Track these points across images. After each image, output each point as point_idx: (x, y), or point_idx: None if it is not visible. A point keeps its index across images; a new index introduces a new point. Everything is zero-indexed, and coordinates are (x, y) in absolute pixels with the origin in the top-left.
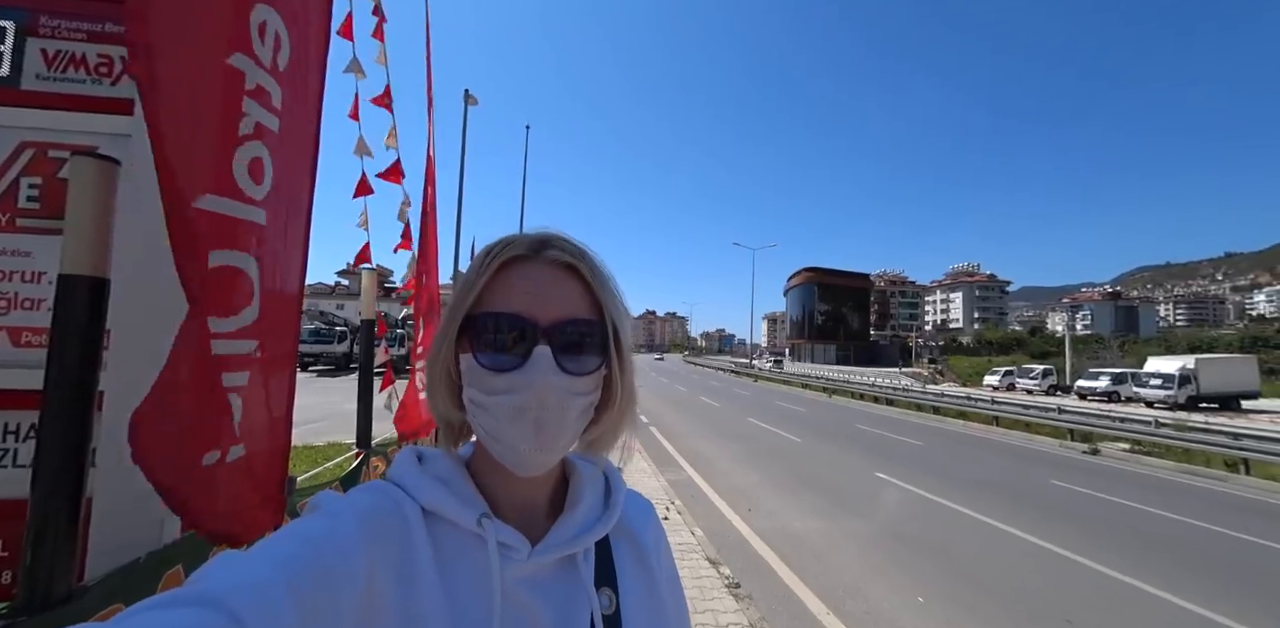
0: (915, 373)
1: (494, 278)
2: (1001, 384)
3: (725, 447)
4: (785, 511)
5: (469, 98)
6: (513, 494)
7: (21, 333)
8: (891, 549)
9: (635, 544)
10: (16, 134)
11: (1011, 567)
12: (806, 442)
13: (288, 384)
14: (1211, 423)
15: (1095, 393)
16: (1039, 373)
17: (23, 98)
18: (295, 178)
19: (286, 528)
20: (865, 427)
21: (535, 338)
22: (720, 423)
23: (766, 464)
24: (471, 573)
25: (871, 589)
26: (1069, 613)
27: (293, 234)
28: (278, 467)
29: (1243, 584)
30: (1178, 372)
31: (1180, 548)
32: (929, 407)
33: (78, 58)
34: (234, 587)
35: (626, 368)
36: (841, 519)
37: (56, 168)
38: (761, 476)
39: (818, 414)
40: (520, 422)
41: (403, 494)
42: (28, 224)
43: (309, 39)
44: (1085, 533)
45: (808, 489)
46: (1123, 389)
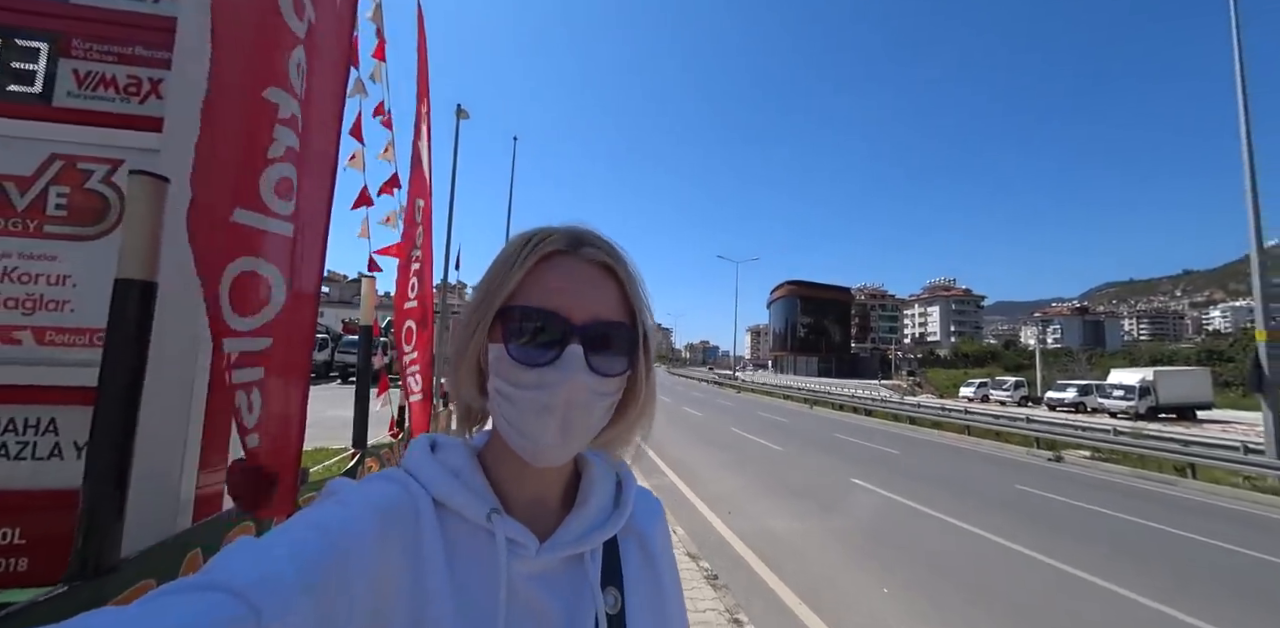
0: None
1: (531, 271)
2: (976, 396)
3: (708, 455)
4: (764, 513)
5: (460, 112)
6: (524, 488)
7: (46, 332)
8: (863, 548)
9: (643, 545)
10: (48, 147)
11: (972, 562)
12: (787, 450)
13: (302, 381)
14: (1164, 431)
15: (1063, 404)
16: (1011, 385)
17: (54, 114)
18: (315, 193)
19: (301, 515)
20: (844, 436)
21: (569, 337)
22: (703, 432)
23: (747, 471)
24: (479, 567)
25: (842, 582)
26: (1021, 601)
27: (311, 244)
28: (292, 457)
29: (1182, 576)
30: (1138, 383)
31: (1128, 545)
32: (905, 417)
33: (108, 78)
34: (249, 574)
35: (651, 372)
36: (818, 521)
37: (84, 178)
38: (742, 482)
39: (799, 424)
40: (546, 417)
41: (416, 484)
42: (55, 230)
43: (331, 70)
44: (1043, 532)
45: (787, 494)
46: (1088, 400)
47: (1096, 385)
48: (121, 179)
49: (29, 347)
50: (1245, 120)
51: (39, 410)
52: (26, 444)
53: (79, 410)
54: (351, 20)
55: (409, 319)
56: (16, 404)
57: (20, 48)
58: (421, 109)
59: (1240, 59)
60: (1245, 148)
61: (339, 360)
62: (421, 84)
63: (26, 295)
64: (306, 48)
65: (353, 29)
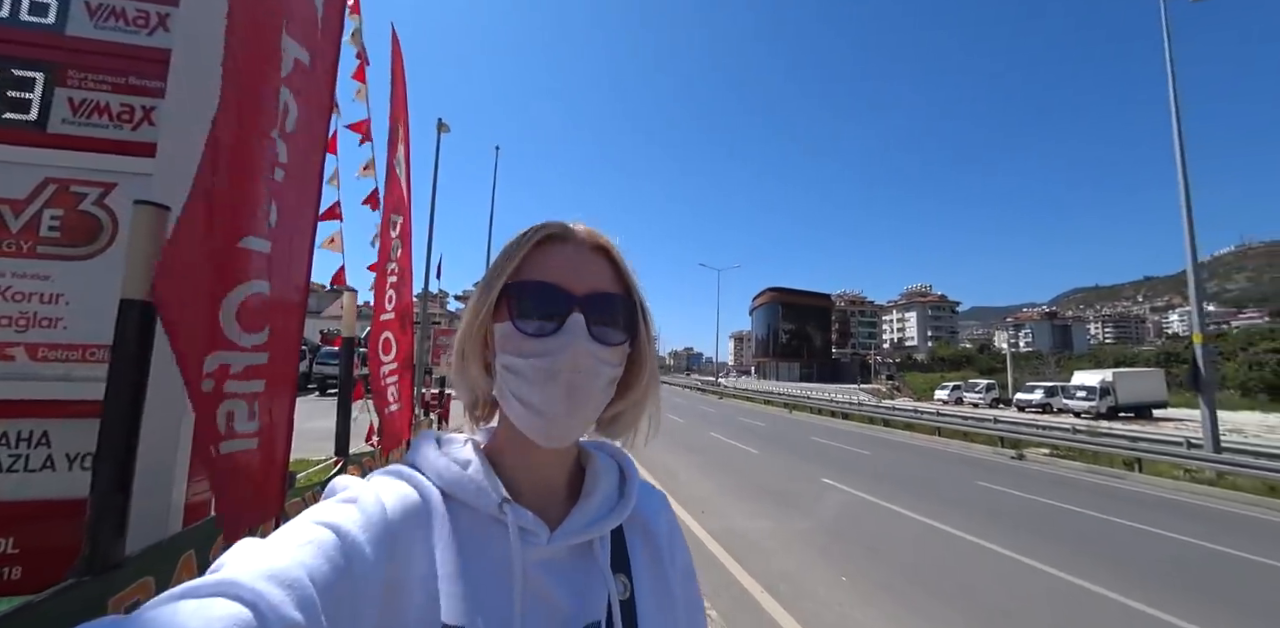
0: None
1: (531, 253)
2: (950, 398)
3: (687, 458)
4: (736, 513)
5: (441, 126)
6: (531, 478)
7: (39, 349)
8: (826, 541)
9: (648, 534)
10: (42, 171)
11: (928, 553)
12: (763, 453)
13: (290, 392)
14: (1116, 429)
15: (1031, 405)
16: (982, 388)
17: (49, 140)
18: (299, 215)
19: (308, 514)
20: (820, 439)
21: (570, 306)
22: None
23: (723, 473)
24: (491, 556)
25: (803, 573)
26: (970, 587)
27: (296, 263)
28: (280, 461)
29: (1121, 561)
30: (1099, 384)
31: (1075, 534)
32: (880, 420)
33: (102, 106)
34: (254, 575)
35: (651, 348)
36: (785, 519)
37: (77, 201)
38: (718, 483)
39: (776, 428)
40: (552, 384)
41: (422, 478)
42: (47, 251)
43: (318, 109)
44: (998, 524)
45: (759, 494)
46: (1054, 401)
47: (1061, 387)
48: (114, 202)
49: (22, 362)
50: (1180, 150)
51: (32, 424)
52: (19, 457)
53: (71, 423)
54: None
55: (386, 330)
56: (10, 418)
57: (17, 77)
58: (398, 128)
59: (1175, 102)
60: (1180, 174)
61: (317, 372)
62: (398, 105)
63: (20, 313)
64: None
65: (335, 72)
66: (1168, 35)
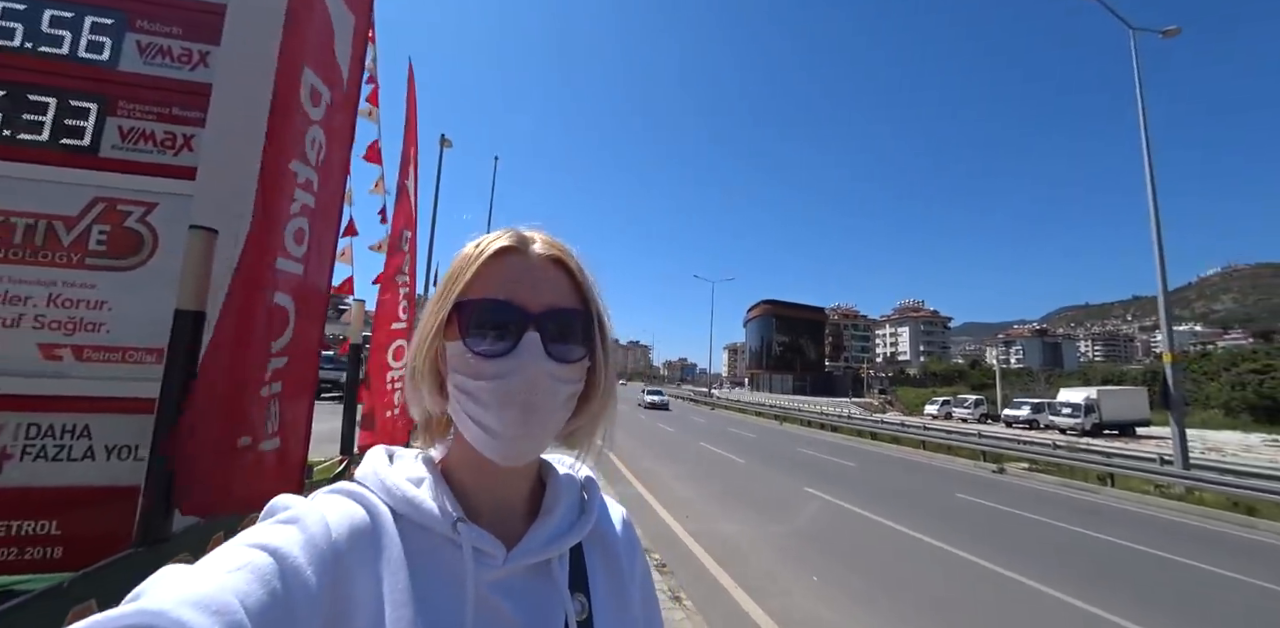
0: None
1: (483, 267)
2: (940, 413)
3: (675, 467)
4: (718, 518)
5: (444, 141)
6: (489, 496)
7: (84, 350)
8: (802, 545)
9: (607, 551)
10: (92, 191)
11: (899, 559)
12: (749, 463)
13: (309, 393)
14: (1093, 445)
15: (1018, 421)
16: (971, 403)
17: (99, 163)
18: (325, 237)
19: (242, 536)
20: (807, 450)
21: (525, 324)
22: (672, 447)
23: (709, 481)
24: (444, 577)
25: (777, 571)
26: (936, 592)
27: (319, 279)
28: (300, 455)
29: (1086, 571)
30: (1084, 402)
31: (1044, 545)
32: (868, 433)
33: (148, 133)
34: (176, 602)
35: (610, 360)
36: (766, 524)
37: (123, 218)
38: (703, 490)
39: (766, 439)
40: (509, 407)
41: (371, 497)
42: (95, 263)
43: (340, 142)
44: (972, 535)
45: (742, 502)
46: (1041, 417)
47: (1048, 404)
48: (155, 219)
49: (69, 362)
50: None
51: (75, 418)
52: (63, 447)
53: (110, 418)
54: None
55: (398, 339)
56: (56, 412)
57: (74, 107)
58: (409, 151)
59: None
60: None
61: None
62: (410, 131)
63: (69, 318)
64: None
65: (355, 111)
66: (1139, 80)
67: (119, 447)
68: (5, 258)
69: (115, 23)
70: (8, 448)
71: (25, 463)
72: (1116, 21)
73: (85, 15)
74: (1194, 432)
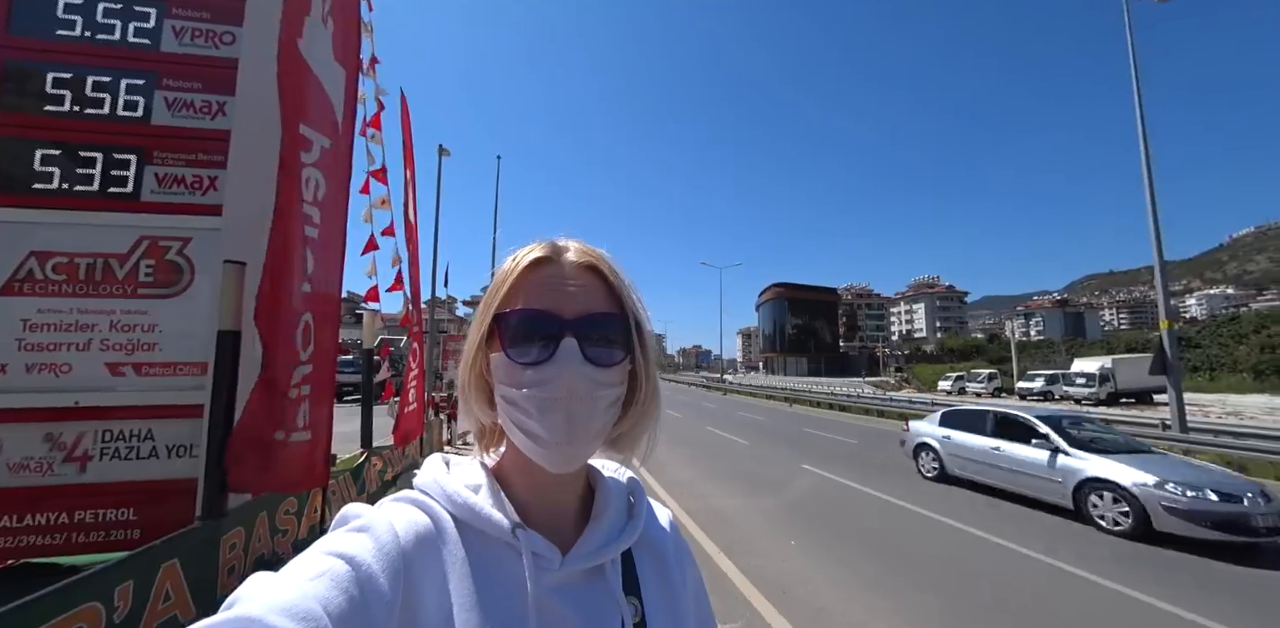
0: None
1: (518, 279)
2: (954, 388)
3: (679, 450)
4: (713, 494)
5: (442, 151)
6: (542, 502)
7: (142, 366)
8: (788, 516)
9: (657, 555)
10: (137, 231)
11: (883, 526)
12: (753, 444)
13: (329, 394)
14: (1096, 413)
15: (1032, 393)
16: (985, 377)
17: (141, 206)
18: (330, 262)
19: (319, 545)
20: (813, 430)
21: (562, 331)
22: (679, 432)
23: (711, 462)
24: (504, 582)
25: (757, 538)
26: (911, 552)
27: (330, 293)
28: (325, 445)
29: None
30: (1098, 371)
31: (1030, 511)
32: (876, 411)
33: (179, 177)
34: (268, 609)
35: (650, 363)
36: (757, 499)
37: (164, 252)
38: (703, 470)
39: (773, 421)
40: (551, 413)
41: (433, 504)
42: (146, 292)
43: (338, 177)
44: (956, 501)
45: (739, 479)
46: (1055, 389)
47: (1063, 374)
48: (191, 251)
49: (131, 378)
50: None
51: (140, 424)
52: (133, 448)
53: (168, 422)
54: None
55: (414, 342)
56: (125, 419)
57: (116, 160)
58: (407, 174)
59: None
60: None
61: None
62: (407, 155)
63: (128, 340)
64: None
65: (351, 154)
66: (1132, 48)
67: (177, 446)
68: (74, 292)
69: (146, 83)
70: (88, 451)
71: (104, 462)
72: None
73: (121, 78)
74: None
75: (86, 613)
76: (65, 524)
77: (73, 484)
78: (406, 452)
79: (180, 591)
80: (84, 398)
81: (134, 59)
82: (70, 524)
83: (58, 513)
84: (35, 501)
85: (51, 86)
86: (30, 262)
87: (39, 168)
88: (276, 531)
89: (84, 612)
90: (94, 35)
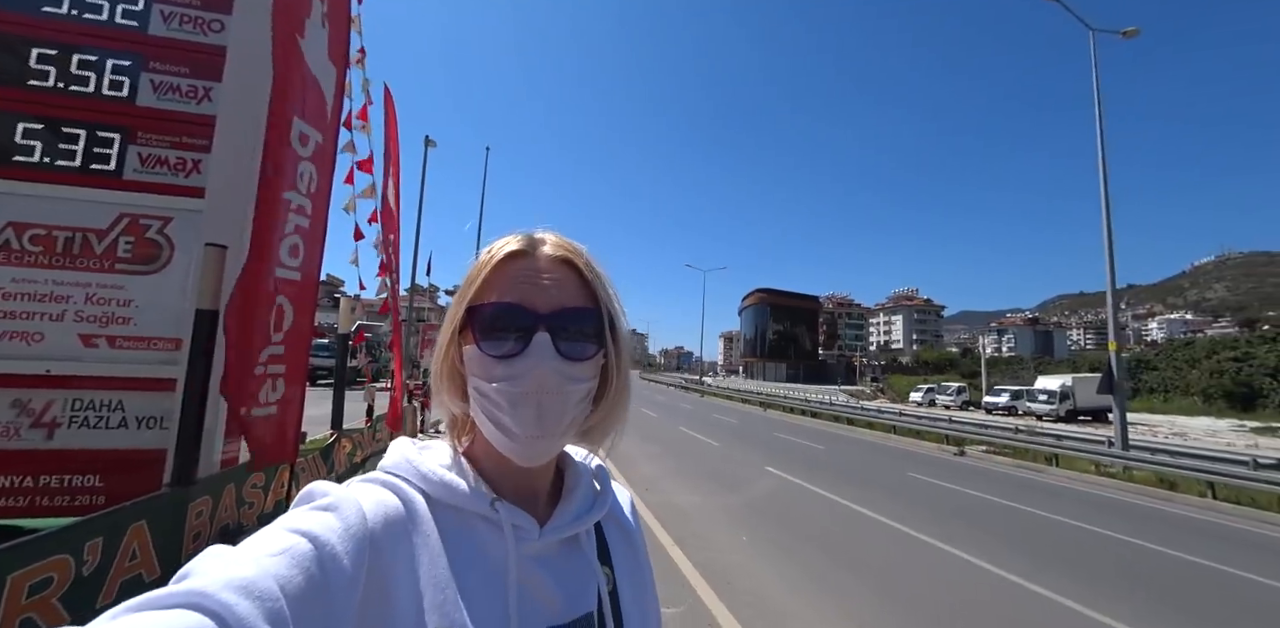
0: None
1: (493, 272)
2: (924, 400)
3: (649, 449)
4: (676, 491)
5: (429, 142)
6: (511, 483)
7: (116, 339)
8: (744, 515)
9: (622, 528)
10: (118, 208)
11: (833, 526)
12: (722, 445)
13: (302, 376)
14: (1049, 429)
15: (998, 407)
16: (954, 390)
17: (123, 184)
18: (315, 247)
19: (282, 521)
20: (782, 434)
21: (535, 326)
22: (651, 431)
23: (678, 462)
24: (482, 554)
25: (714, 533)
26: (853, 550)
27: (310, 280)
28: (295, 423)
29: (1013, 540)
30: (1059, 388)
31: (976, 517)
32: (844, 418)
33: (163, 158)
34: (221, 585)
35: (623, 357)
36: (717, 497)
37: (144, 230)
38: (669, 469)
39: (745, 424)
40: (523, 407)
41: (403, 484)
42: (123, 267)
43: (327, 170)
44: (906, 506)
45: (703, 478)
46: (1019, 404)
47: (1027, 391)
48: (171, 231)
49: (104, 350)
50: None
51: (110, 394)
52: (102, 418)
53: (138, 394)
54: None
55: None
56: (95, 390)
57: (101, 138)
58: (391, 169)
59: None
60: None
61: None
62: (392, 150)
63: (102, 313)
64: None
65: (336, 146)
66: (1096, 81)
67: (147, 418)
68: (50, 264)
69: (132, 65)
70: (57, 418)
71: (71, 430)
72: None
73: (107, 58)
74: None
75: (57, 564)
76: (30, 488)
77: (40, 450)
78: (377, 436)
79: (146, 550)
80: (56, 367)
81: (121, 40)
82: (35, 488)
83: (22, 477)
84: (0, 463)
85: (36, 62)
86: (7, 231)
87: (20, 140)
88: (243, 502)
89: (55, 562)
90: (81, 14)
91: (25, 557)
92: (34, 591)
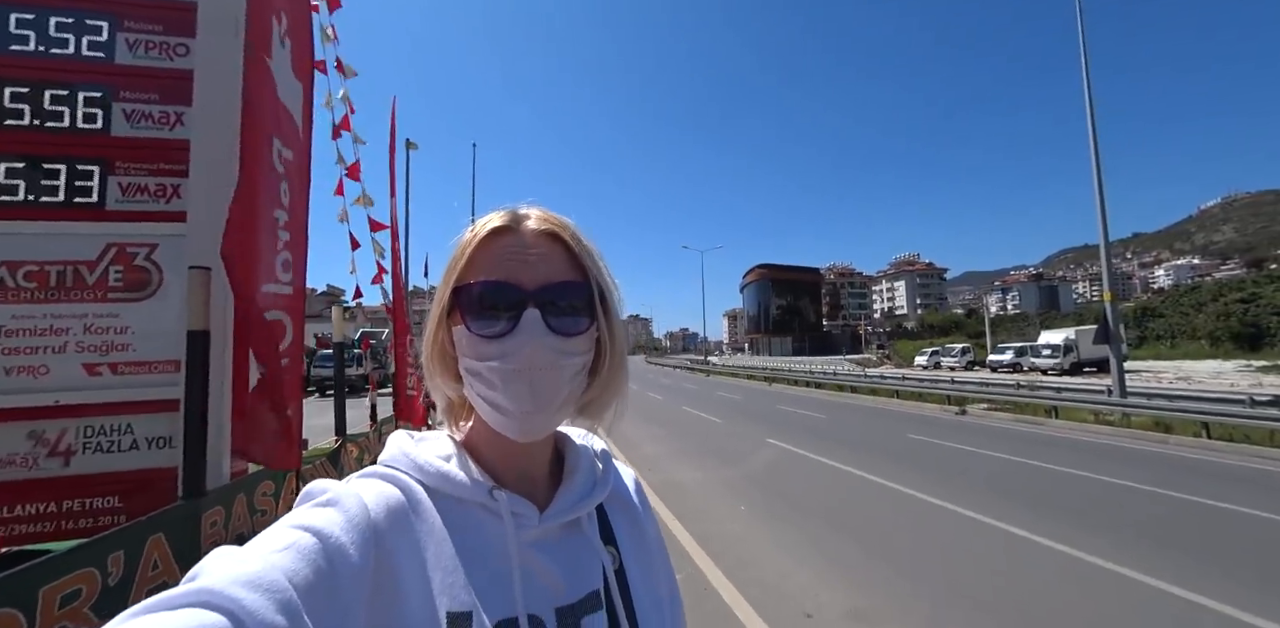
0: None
1: (477, 250)
2: (929, 364)
3: (652, 429)
4: (677, 468)
5: (410, 144)
6: (511, 468)
7: (118, 366)
8: (744, 487)
9: (626, 506)
10: (105, 238)
11: (831, 491)
12: (725, 422)
13: (300, 381)
14: (1048, 382)
15: (1003, 365)
16: (958, 352)
17: (107, 215)
18: (299, 259)
19: (285, 519)
20: (784, 407)
21: (524, 302)
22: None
23: (680, 440)
24: (483, 542)
25: (709, 504)
26: (850, 513)
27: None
28: (297, 432)
29: (1013, 494)
30: (1063, 342)
31: (976, 472)
32: (848, 387)
33: (143, 186)
34: (229, 581)
35: (616, 330)
36: (717, 472)
37: (132, 258)
38: (671, 447)
39: (750, 400)
40: (516, 384)
41: (402, 475)
42: (116, 296)
43: (301, 183)
44: (904, 467)
45: (704, 455)
46: (1023, 361)
47: (1030, 347)
48: (158, 257)
49: (108, 377)
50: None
51: (120, 419)
52: (114, 442)
53: (146, 417)
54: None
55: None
56: (106, 415)
57: (80, 170)
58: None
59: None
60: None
61: (315, 374)
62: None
63: (102, 342)
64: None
65: (310, 161)
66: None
67: (156, 438)
68: (46, 299)
69: (103, 95)
70: (71, 445)
71: (87, 455)
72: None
73: (78, 91)
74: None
75: (84, 576)
76: (54, 513)
77: (59, 477)
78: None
79: (167, 560)
80: (64, 397)
81: (90, 72)
82: (59, 513)
83: (46, 503)
84: (23, 492)
85: (10, 101)
86: (1, 271)
87: (4, 180)
88: (255, 510)
89: (82, 575)
90: (48, 50)
91: (52, 572)
92: (65, 602)
